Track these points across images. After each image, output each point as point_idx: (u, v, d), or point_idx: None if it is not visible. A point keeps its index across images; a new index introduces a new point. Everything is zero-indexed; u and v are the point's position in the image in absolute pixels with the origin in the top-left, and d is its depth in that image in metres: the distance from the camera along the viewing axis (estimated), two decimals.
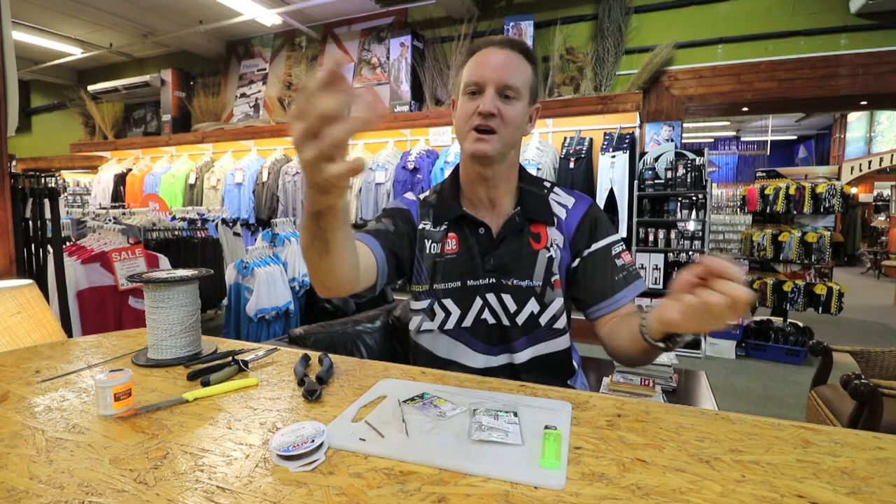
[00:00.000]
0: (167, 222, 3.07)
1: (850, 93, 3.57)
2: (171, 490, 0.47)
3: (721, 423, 0.61)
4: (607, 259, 0.91)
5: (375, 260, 0.88)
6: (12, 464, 0.52)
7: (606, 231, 0.94)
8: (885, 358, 1.87)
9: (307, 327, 1.40)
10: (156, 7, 4.92)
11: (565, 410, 0.64)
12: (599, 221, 0.95)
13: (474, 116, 0.85)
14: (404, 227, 0.97)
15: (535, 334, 0.93)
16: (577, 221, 0.94)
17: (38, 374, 0.80)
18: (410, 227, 0.98)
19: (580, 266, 0.93)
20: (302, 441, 0.53)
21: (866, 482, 0.47)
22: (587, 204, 0.97)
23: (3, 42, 1.52)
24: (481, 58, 0.87)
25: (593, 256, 0.92)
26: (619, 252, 0.92)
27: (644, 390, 1.55)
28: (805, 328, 3.77)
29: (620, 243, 0.94)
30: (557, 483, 0.47)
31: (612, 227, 0.96)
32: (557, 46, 4.09)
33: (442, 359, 0.96)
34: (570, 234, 0.94)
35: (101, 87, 6.15)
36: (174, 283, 0.86)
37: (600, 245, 0.92)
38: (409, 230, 0.97)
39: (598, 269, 0.91)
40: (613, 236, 0.94)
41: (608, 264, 0.91)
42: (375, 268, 0.88)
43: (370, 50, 4.98)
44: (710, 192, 3.65)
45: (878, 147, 8.40)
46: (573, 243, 0.94)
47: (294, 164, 4.75)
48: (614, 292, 0.89)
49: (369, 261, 0.87)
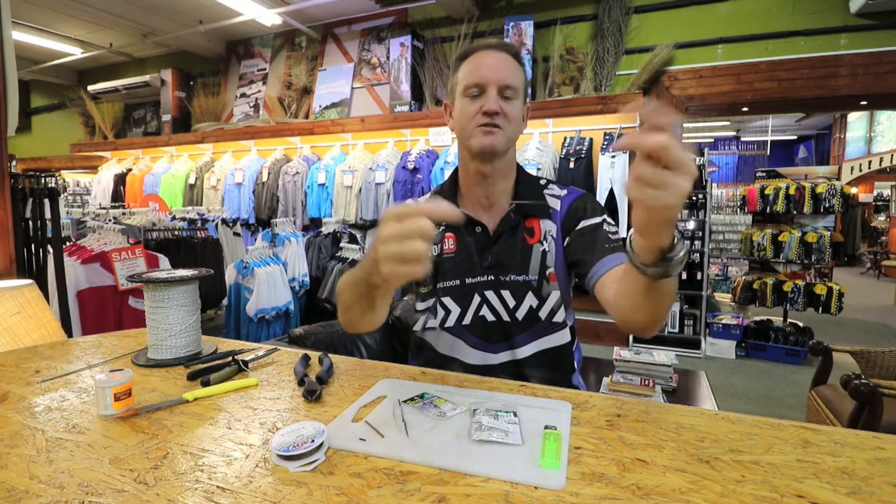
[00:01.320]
0: (167, 222, 3.07)
1: (850, 93, 3.57)
2: (171, 490, 0.47)
3: (721, 423, 0.61)
4: (598, 231, 0.92)
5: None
6: (12, 464, 0.52)
7: (594, 212, 0.96)
8: (885, 358, 1.87)
9: (307, 327, 1.40)
10: (156, 7, 4.92)
11: (565, 410, 0.64)
12: (589, 203, 0.97)
13: (478, 116, 0.88)
14: None
15: (536, 329, 0.94)
16: (569, 204, 0.97)
17: (38, 374, 0.80)
18: None
19: (572, 241, 0.94)
20: (302, 441, 0.53)
21: (866, 482, 0.47)
22: (581, 192, 1.00)
23: (3, 42, 1.52)
24: (478, 60, 0.90)
25: (583, 231, 0.93)
26: (609, 229, 0.93)
27: (644, 390, 1.55)
28: (805, 328, 3.77)
29: (612, 224, 0.95)
30: (557, 483, 0.47)
31: (603, 211, 0.97)
32: (557, 46, 4.09)
33: (442, 355, 0.98)
34: (562, 216, 0.96)
35: (101, 87, 6.15)
36: (174, 283, 0.86)
37: (590, 222, 0.93)
38: None
39: (588, 238, 0.92)
40: (603, 216, 0.95)
41: (598, 235, 0.91)
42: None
43: (370, 50, 4.98)
44: (710, 192, 3.65)
45: (878, 147, 8.39)
46: (564, 224, 0.96)
47: (294, 164, 4.75)
48: (604, 255, 0.88)
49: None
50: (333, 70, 5.14)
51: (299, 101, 5.25)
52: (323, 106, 5.13)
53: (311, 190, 4.58)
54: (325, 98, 5.14)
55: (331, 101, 5.10)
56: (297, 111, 5.24)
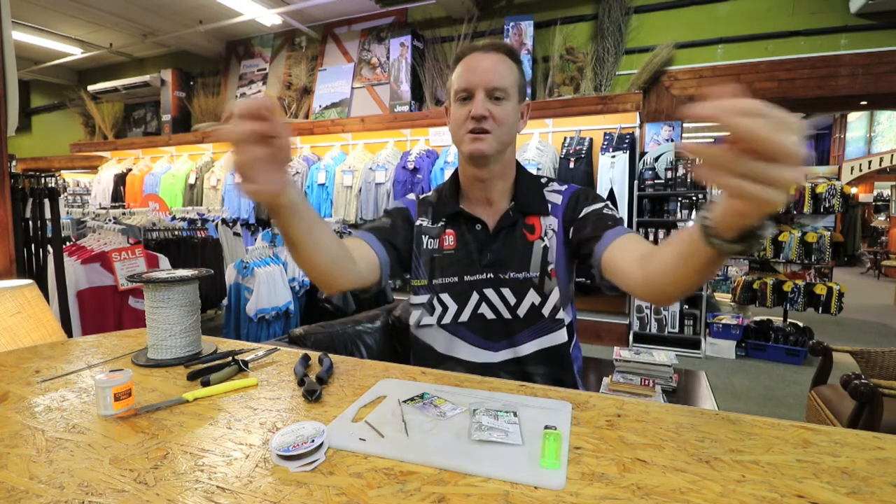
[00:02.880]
0: (167, 222, 3.07)
1: (850, 93, 3.57)
2: (171, 490, 0.47)
3: (721, 423, 0.61)
4: (600, 214, 0.92)
5: (376, 255, 0.93)
6: (12, 464, 0.52)
7: (595, 199, 0.96)
8: (885, 358, 1.87)
9: (307, 327, 1.40)
10: (156, 7, 4.92)
11: (565, 410, 0.64)
12: (591, 194, 0.98)
13: (468, 121, 0.88)
14: (401, 223, 1.01)
15: (538, 326, 0.94)
16: (569, 197, 0.98)
17: (38, 374, 0.80)
18: (408, 223, 1.03)
19: (575, 228, 0.94)
20: (302, 441, 0.53)
21: (866, 482, 0.47)
22: (580, 186, 1.01)
23: (3, 42, 1.52)
24: (468, 64, 0.90)
25: (586, 216, 0.93)
26: (610, 212, 0.93)
27: (644, 390, 1.55)
28: (805, 328, 3.77)
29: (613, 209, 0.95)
30: (557, 483, 0.47)
31: (604, 200, 0.98)
32: (557, 46, 4.09)
33: (440, 354, 0.98)
34: (563, 209, 0.97)
35: (101, 87, 6.15)
36: (174, 283, 0.86)
37: (592, 208, 0.94)
38: (405, 226, 1.02)
39: (591, 219, 0.92)
40: (605, 202, 0.96)
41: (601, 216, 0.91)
42: (377, 262, 0.93)
43: (370, 50, 4.98)
44: (710, 192, 3.65)
45: (878, 147, 8.40)
46: (565, 215, 0.96)
47: (294, 164, 4.76)
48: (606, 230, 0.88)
49: (370, 257, 0.91)
50: (333, 70, 5.14)
51: (299, 101, 5.25)
52: (323, 106, 5.13)
53: (311, 190, 4.58)
54: (325, 98, 5.14)
55: (331, 101, 5.10)
56: (297, 111, 5.24)
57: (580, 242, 0.92)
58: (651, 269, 0.70)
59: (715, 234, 0.53)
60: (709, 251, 0.55)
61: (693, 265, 0.60)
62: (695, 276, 0.62)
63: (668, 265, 0.65)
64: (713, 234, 0.53)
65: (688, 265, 0.61)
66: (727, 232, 0.52)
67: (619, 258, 0.80)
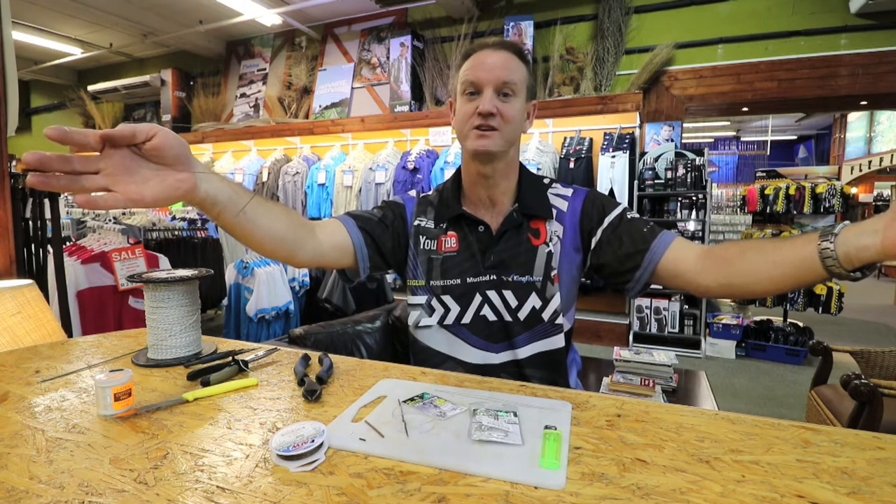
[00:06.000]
0: (167, 222, 3.07)
1: (850, 93, 3.57)
2: (171, 490, 0.47)
3: (721, 423, 0.61)
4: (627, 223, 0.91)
5: (350, 239, 0.92)
6: (12, 464, 0.52)
7: (611, 204, 0.95)
8: (885, 358, 1.87)
9: (307, 327, 1.40)
10: (156, 7, 4.92)
11: (565, 410, 0.64)
12: (601, 199, 0.96)
13: (474, 116, 0.87)
14: (392, 219, 0.99)
15: (536, 330, 0.94)
16: (581, 204, 0.96)
17: (38, 374, 0.80)
18: (401, 220, 1.01)
19: (603, 239, 0.92)
20: (302, 441, 0.53)
21: (866, 482, 0.47)
22: (587, 190, 0.99)
23: (3, 42, 1.52)
24: (477, 59, 0.89)
25: (612, 226, 0.91)
26: (632, 215, 0.92)
27: (644, 390, 1.55)
28: (805, 328, 3.77)
29: (631, 210, 0.95)
30: (557, 483, 0.47)
31: (617, 201, 0.97)
32: (557, 46, 4.10)
33: (440, 354, 0.98)
34: (577, 217, 0.95)
35: (101, 87, 6.16)
36: (174, 283, 0.86)
37: (613, 215, 0.92)
38: (397, 222, 1.00)
39: (623, 230, 0.90)
40: (620, 204, 0.95)
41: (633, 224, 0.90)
42: (351, 247, 0.92)
43: (370, 50, 4.98)
44: (710, 192, 3.65)
45: (878, 147, 8.40)
46: (581, 224, 0.94)
47: (294, 164, 4.76)
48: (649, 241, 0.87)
49: (341, 240, 0.91)
50: (333, 70, 5.14)
51: (299, 101, 5.25)
52: (323, 106, 5.13)
53: (311, 190, 4.58)
54: (325, 98, 5.14)
55: (331, 101, 5.11)
56: (297, 111, 5.24)
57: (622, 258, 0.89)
58: (736, 272, 0.76)
59: (838, 266, 0.62)
60: (823, 275, 0.64)
61: (799, 280, 0.69)
62: (794, 286, 0.70)
63: (759, 270, 0.72)
64: (833, 267, 0.62)
65: (795, 281, 0.69)
66: (848, 265, 0.61)
67: (682, 265, 0.84)
